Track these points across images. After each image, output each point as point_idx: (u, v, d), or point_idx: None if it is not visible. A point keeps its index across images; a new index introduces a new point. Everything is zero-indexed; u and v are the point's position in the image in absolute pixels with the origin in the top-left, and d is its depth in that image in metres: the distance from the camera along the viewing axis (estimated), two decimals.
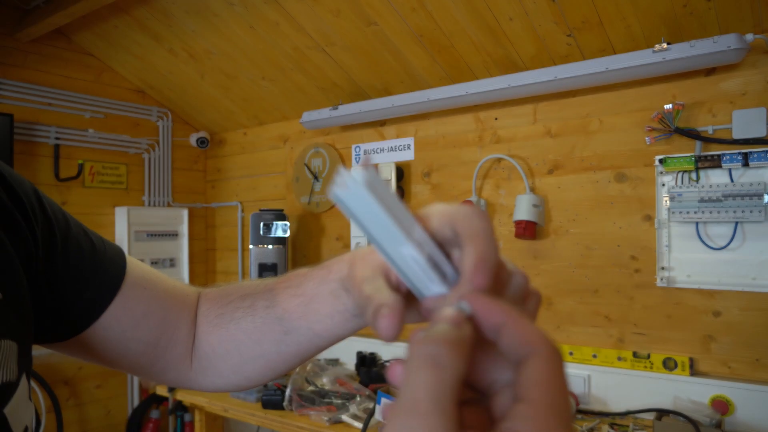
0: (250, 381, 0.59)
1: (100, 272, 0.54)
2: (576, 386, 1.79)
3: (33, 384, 2.33)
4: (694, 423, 1.49)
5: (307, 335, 0.51)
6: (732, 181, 1.59)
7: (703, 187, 1.61)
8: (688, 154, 1.65)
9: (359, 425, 1.62)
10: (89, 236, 0.56)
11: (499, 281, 0.33)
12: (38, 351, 0.56)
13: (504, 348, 0.28)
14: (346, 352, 2.27)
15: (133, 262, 0.59)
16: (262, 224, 2.45)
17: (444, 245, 0.34)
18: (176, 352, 0.59)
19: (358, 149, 2.45)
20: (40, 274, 0.50)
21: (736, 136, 1.58)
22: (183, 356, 0.60)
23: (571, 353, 1.86)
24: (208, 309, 0.60)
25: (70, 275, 0.52)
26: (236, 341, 0.57)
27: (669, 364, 1.68)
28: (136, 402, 2.76)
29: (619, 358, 1.77)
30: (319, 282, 0.49)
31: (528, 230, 1.89)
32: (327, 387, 1.94)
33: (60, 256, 0.52)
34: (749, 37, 1.49)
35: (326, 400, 1.85)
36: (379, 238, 0.31)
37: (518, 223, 1.90)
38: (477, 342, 0.28)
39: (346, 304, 0.47)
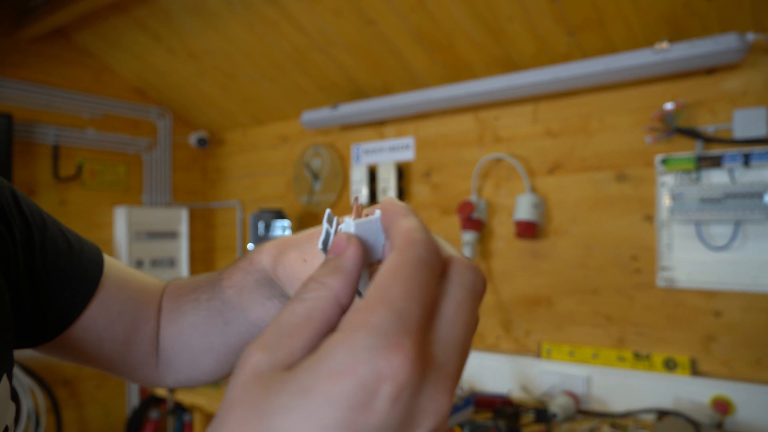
0: (208, 375, 0.59)
1: (79, 273, 0.54)
2: (576, 386, 1.78)
3: (33, 384, 2.33)
4: (694, 423, 1.49)
5: (245, 324, 0.52)
6: (733, 181, 1.58)
7: (703, 187, 1.61)
8: (689, 154, 1.64)
9: None
10: (66, 236, 0.56)
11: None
12: (38, 351, 0.56)
13: None
14: None
15: (109, 261, 0.58)
16: (261, 224, 2.45)
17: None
18: (143, 350, 0.59)
19: (358, 149, 2.44)
20: (19, 276, 0.49)
21: (736, 135, 1.57)
22: (149, 354, 0.60)
23: (571, 353, 1.85)
24: (166, 303, 0.60)
25: (49, 276, 0.52)
26: (186, 335, 0.57)
27: (669, 365, 1.68)
28: (136, 402, 2.76)
29: (620, 358, 1.76)
30: (244, 273, 0.50)
31: (528, 230, 1.88)
32: None
33: (38, 258, 0.51)
34: (750, 36, 1.49)
35: None
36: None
37: (518, 223, 1.90)
38: None
39: (273, 291, 0.48)
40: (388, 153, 2.35)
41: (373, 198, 2.33)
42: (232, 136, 3.06)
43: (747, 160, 1.55)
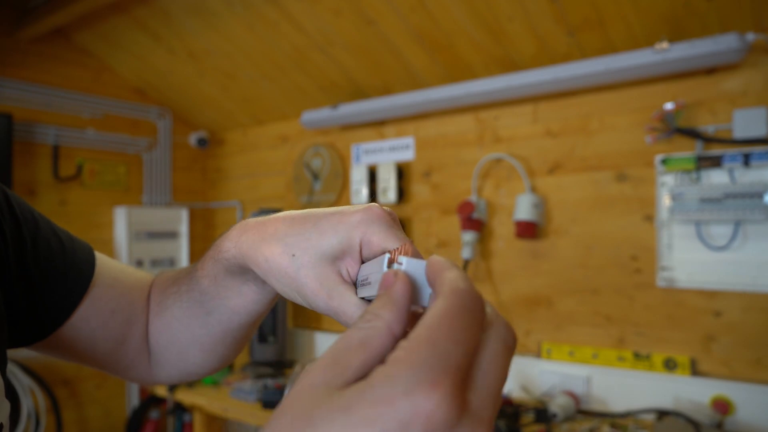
0: (197, 367, 0.58)
1: (71, 272, 0.54)
2: (576, 386, 1.78)
3: (33, 384, 2.32)
4: (694, 423, 1.49)
5: (225, 313, 0.51)
6: (733, 180, 1.58)
7: (703, 186, 1.61)
8: (689, 154, 1.64)
9: None
10: (58, 235, 0.56)
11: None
12: (32, 350, 0.56)
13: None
14: None
15: (102, 260, 0.58)
16: None
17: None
18: (136, 347, 0.59)
19: (358, 149, 2.44)
20: (11, 275, 0.49)
21: (736, 135, 1.57)
22: (141, 350, 0.59)
23: (571, 353, 1.85)
24: (153, 298, 0.60)
25: (41, 275, 0.52)
26: (172, 329, 0.57)
27: (669, 365, 1.68)
28: (136, 402, 2.76)
29: (620, 358, 1.76)
30: (213, 262, 0.49)
31: (528, 230, 1.88)
32: None
33: (30, 258, 0.51)
34: (750, 36, 1.49)
35: None
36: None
37: (518, 223, 1.90)
38: None
39: (246, 276, 0.47)
40: (388, 153, 2.35)
41: (373, 198, 2.33)
42: (232, 136, 3.06)
43: (747, 160, 1.55)
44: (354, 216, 0.39)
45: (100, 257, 0.59)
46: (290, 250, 0.40)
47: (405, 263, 0.33)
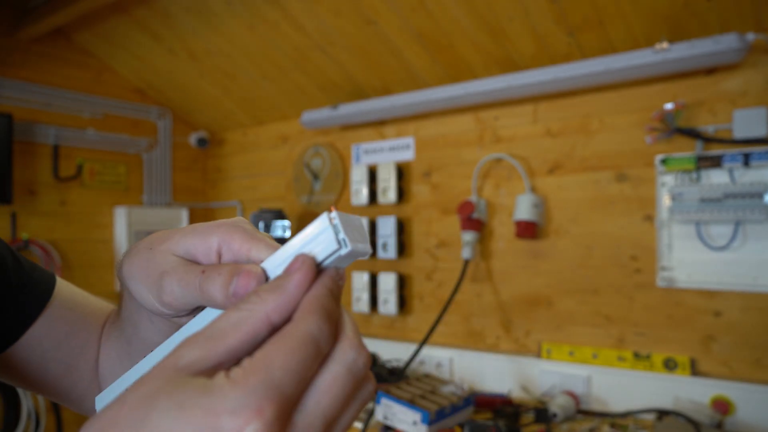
0: None
1: (27, 288, 0.53)
2: (576, 386, 1.78)
3: None
4: (694, 423, 1.49)
5: (141, 344, 0.48)
6: (733, 181, 1.58)
7: (703, 187, 1.61)
8: (689, 154, 1.64)
9: (359, 425, 1.62)
10: (16, 256, 0.55)
11: None
12: None
13: None
14: None
15: (64, 284, 0.57)
16: (261, 224, 2.45)
17: None
18: (87, 377, 0.56)
19: (357, 149, 2.45)
20: None
21: (736, 135, 1.57)
22: (92, 380, 0.57)
23: (571, 353, 1.85)
24: (105, 329, 0.58)
25: None
26: (111, 360, 0.55)
27: (669, 365, 1.68)
28: None
29: (620, 359, 1.76)
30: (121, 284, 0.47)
31: (528, 230, 1.88)
32: None
33: None
34: (750, 36, 1.49)
35: None
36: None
37: (518, 223, 1.90)
38: None
39: (135, 301, 0.44)
40: (388, 153, 2.35)
41: (373, 198, 2.33)
42: (232, 136, 3.06)
43: (747, 160, 1.55)
44: (217, 222, 0.39)
45: (63, 282, 0.57)
46: (150, 245, 0.40)
47: (337, 218, 0.31)
